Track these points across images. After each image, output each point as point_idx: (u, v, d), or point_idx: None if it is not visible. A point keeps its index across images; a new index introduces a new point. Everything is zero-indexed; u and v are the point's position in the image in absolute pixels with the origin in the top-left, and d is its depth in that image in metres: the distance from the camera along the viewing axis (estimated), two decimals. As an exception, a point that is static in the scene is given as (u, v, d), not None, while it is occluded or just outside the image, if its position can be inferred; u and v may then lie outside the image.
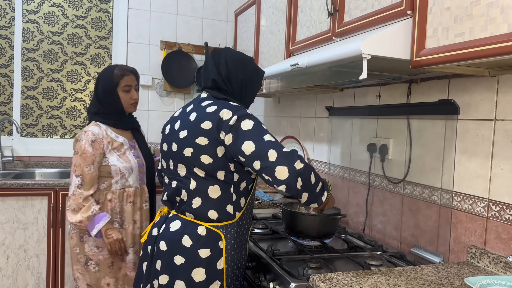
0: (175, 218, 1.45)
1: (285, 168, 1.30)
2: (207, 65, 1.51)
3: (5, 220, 2.51)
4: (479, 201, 1.40)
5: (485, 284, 1.12)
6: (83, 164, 1.85)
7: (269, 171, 1.31)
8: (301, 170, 1.32)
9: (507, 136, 1.31)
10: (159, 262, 1.43)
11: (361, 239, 1.83)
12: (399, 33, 1.27)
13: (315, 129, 2.48)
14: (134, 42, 3.31)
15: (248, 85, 1.51)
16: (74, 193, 1.84)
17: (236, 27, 3.13)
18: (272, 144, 1.33)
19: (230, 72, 1.46)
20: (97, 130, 1.90)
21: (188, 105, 1.52)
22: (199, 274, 1.38)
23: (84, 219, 1.82)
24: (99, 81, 1.96)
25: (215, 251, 1.39)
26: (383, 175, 1.87)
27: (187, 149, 1.40)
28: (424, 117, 1.64)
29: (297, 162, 1.32)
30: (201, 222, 1.40)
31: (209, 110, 1.40)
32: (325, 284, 1.16)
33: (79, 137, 1.90)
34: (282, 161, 1.31)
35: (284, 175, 1.30)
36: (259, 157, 1.32)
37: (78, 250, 1.92)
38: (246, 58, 1.51)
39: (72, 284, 2.63)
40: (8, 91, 3.13)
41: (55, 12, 3.20)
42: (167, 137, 1.51)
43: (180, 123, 1.47)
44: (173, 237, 1.41)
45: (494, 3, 1.01)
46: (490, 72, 1.31)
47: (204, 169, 1.38)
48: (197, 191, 1.40)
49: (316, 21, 1.85)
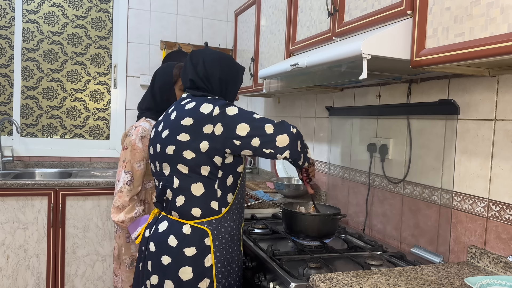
0: (164, 218, 1.48)
1: (285, 135, 1.38)
2: (186, 67, 1.54)
3: (5, 220, 2.51)
4: (479, 201, 1.40)
5: (485, 284, 1.12)
6: (133, 160, 1.80)
7: (270, 143, 1.37)
8: (297, 133, 1.42)
9: (507, 136, 1.31)
10: (150, 262, 1.46)
11: (361, 239, 1.83)
12: (399, 33, 1.27)
13: (315, 129, 2.48)
14: (134, 42, 3.32)
15: (229, 82, 1.53)
16: (122, 190, 1.78)
17: (236, 27, 3.13)
18: (263, 120, 1.40)
19: (208, 71, 1.49)
20: (147, 126, 1.86)
21: (170, 107, 1.55)
22: (186, 273, 1.39)
23: (126, 220, 1.76)
24: (156, 78, 1.93)
25: (201, 248, 1.40)
26: (383, 175, 1.87)
27: (170, 147, 1.42)
28: (424, 117, 1.64)
29: (292, 128, 1.41)
30: (186, 221, 1.42)
31: (188, 107, 1.42)
32: (325, 284, 1.16)
33: (129, 132, 1.86)
34: (280, 130, 1.38)
35: (285, 141, 1.38)
36: (257, 134, 1.37)
37: (123, 250, 1.91)
38: (223, 56, 1.53)
39: (71, 284, 2.63)
40: (8, 91, 3.13)
41: (55, 12, 3.20)
42: (152, 140, 1.54)
43: (162, 125, 1.50)
44: (161, 237, 1.43)
45: (494, 3, 1.01)
46: (490, 72, 1.31)
47: (187, 165, 1.39)
48: (180, 189, 1.42)
49: (316, 21, 1.86)
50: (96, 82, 3.33)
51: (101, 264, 2.69)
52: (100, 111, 3.35)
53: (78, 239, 2.64)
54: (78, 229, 2.63)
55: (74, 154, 3.21)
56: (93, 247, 2.67)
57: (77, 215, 2.63)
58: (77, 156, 3.22)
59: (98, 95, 3.34)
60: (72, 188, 2.59)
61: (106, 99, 3.36)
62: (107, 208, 2.68)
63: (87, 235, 2.65)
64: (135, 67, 3.34)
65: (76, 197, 2.62)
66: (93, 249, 2.67)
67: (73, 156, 3.21)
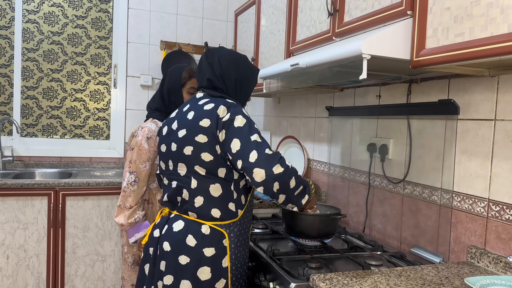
0: (178, 218, 1.45)
1: (262, 171, 1.30)
2: (202, 65, 1.53)
3: (5, 220, 2.51)
4: (479, 201, 1.40)
5: (485, 284, 1.11)
6: (138, 161, 1.81)
7: (248, 171, 1.32)
8: (279, 174, 1.32)
9: (507, 136, 1.31)
10: (163, 263, 1.42)
11: (361, 239, 1.83)
12: (399, 33, 1.27)
13: (315, 129, 2.48)
14: (134, 42, 3.32)
15: (243, 83, 1.52)
16: (125, 190, 1.80)
17: (236, 27, 3.13)
18: (256, 145, 1.33)
19: (224, 71, 1.48)
20: (154, 127, 1.87)
21: (184, 105, 1.53)
22: (204, 273, 1.38)
23: (126, 224, 1.79)
24: (166, 79, 1.94)
25: (220, 249, 1.40)
26: (383, 175, 1.87)
27: (187, 148, 1.40)
28: (424, 117, 1.64)
29: (276, 166, 1.31)
30: (204, 221, 1.40)
31: (207, 108, 1.41)
32: (325, 284, 1.16)
33: (135, 132, 1.88)
34: (261, 164, 1.30)
35: (260, 177, 1.31)
36: (242, 157, 1.32)
37: (126, 249, 1.92)
38: (239, 57, 1.52)
39: (71, 284, 2.63)
40: (8, 91, 3.13)
41: (55, 12, 3.20)
42: (165, 138, 1.51)
43: (177, 123, 1.47)
44: (177, 237, 1.41)
45: (494, 3, 1.01)
46: (490, 72, 1.31)
47: (205, 167, 1.39)
48: (198, 190, 1.40)
49: (316, 21, 1.85)
50: (96, 82, 3.33)
51: (101, 264, 2.69)
52: (100, 111, 3.35)
53: (78, 239, 2.64)
54: (78, 229, 2.63)
55: (74, 154, 3.21)
56: (93, 247, 2.67)
57: (77, 215, 2.63)
58: (77, 156, 3.22)
59: (98, 95, 3.34)
60: (72, 188, 2.59)
61: (106, 99, 3.36)
62: (107, 208, 2.68)
63: (87, 235, 2.65)
64: (135, 67, 3.34)
65: (76, 197, 2.62)
66: (93, 249, 2.67)
67: (73, 156, 3.21)
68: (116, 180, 2.68)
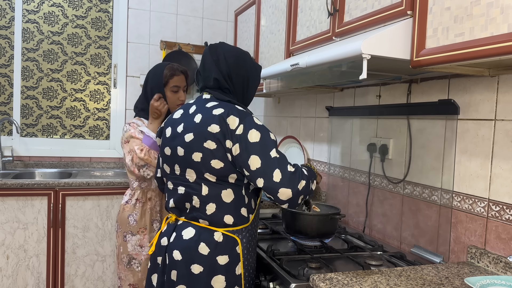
0: (187, 225, 1.40)
1: (289, 190, 1.30)
2: (206, 63, 1.45)
3: (5, 220, 2.50)
4: (479, 201, 1.40)
5: (485, 284, 1.11)
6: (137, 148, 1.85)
7: (272, 191, 1.30)
8: (303, 188, 1.33)
9: (507, 136, 1.31)
10: (175, 272, 1.37)
11: (361, 239, 1.83)
12: (399, 33, 1.27)
13: (315, 129, 2.48)
14: (134, 42, 3.31)
15: (250, 81, 1.47)
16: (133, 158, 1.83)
17: (236, 27, 3.13)
18: (278, 162, 1.31)
19: (231, 68, 1.42)
20: (140, 123, 1.92)
21: (190, 106, 1.46)
22: (219, 282, 1.34)
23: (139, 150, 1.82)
24: (149, 79, 1.93)
25: (233, 256, 1.36)
26: (383, 175, 1.87)
27: (196, 154, 1.35)
28: (424, 117, 1.64)
29: (300, 183, 1.31)
30: (217, 228, 1.36)
31: (216, 113, 1.35)
32: (325, 284, 1.16)
33: (125, 128, 1.91)
34: (287, 183, 1.29)
35: (287, 196, 1.30)
36: (264, 175, 1.29)
37: (121, 249, 1.93)
38: (244, 53, 1.48)
39: (71, 284, 2.63)
40: (8, 91, 3.13)
41: (55, 12, 3.20)
42: (170, 140, 1.44)
43: (184, 126, 1.41)
44: (188, 245, 1.36)
45: (494, 3, 1.01)
46: (490, 72, 1.31)
47: (216, 174, 1.34)
48: (210, 197, 1.35)
49: (316, 21, 1.85)
50: (96, 82, 3.33)
51: (101, 264, 2.69)
52: (100, 111, 3.35)
53: (78, 239, 2.63)
54: (78, 229, 2.63)
55: (74, 154, 3.21)
56: (93, 247, 2.67)
57: (77, 215, 2.62)
58: (77, 156, 3.21)
59: (98, 95, 3.34)
60: (72, 188, 2.59)
61: (106, 99, 3.36)
62: (107, 208, 2.68)
63: (87, 235, 2.65)
64: (135, 67, 3.33)
65: (76, 197, 2.62)
66: (93, 249, 2.67)
67: (73, 156, 3.21)
68: (116, 180, 2.68)
